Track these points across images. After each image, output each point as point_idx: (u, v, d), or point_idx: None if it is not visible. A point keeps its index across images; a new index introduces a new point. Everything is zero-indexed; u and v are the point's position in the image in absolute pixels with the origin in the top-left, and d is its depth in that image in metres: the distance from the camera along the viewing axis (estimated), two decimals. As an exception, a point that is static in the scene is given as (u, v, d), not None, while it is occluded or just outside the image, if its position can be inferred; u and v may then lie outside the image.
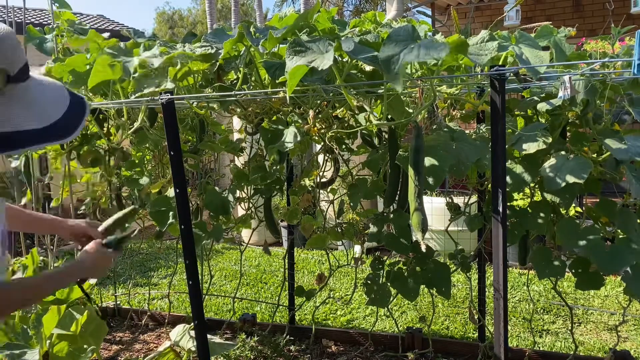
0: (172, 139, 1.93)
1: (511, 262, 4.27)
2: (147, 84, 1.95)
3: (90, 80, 1.93)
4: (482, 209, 2.45)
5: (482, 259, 2.68)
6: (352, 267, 2.78)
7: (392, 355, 2.85)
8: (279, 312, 3.47)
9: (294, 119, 2.13)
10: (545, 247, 2.11)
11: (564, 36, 1.83)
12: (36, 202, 2.98)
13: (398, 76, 1.39)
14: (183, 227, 1.99)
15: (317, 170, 2.71)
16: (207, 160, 3.31)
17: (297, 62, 1.50)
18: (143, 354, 3.02)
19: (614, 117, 2.00)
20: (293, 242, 3.13)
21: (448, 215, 2.47)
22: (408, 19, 2.21)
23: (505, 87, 1.65)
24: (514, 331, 3.31)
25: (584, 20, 7.10)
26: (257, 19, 11.86)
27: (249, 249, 5.54)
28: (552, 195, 1.96)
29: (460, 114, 2.30)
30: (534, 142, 1.77)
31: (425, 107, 1.79)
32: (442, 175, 1.75)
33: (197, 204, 2.61)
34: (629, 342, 3.14)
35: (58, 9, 2.69)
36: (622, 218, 1.92)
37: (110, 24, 15.18)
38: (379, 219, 2.27)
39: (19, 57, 1.07)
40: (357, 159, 2.73)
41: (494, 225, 1.71)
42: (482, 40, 1.61)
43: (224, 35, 2.08)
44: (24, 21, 3.69)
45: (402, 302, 3.76)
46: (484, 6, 7.65)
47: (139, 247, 5.84)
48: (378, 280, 2.37)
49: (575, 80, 1.71)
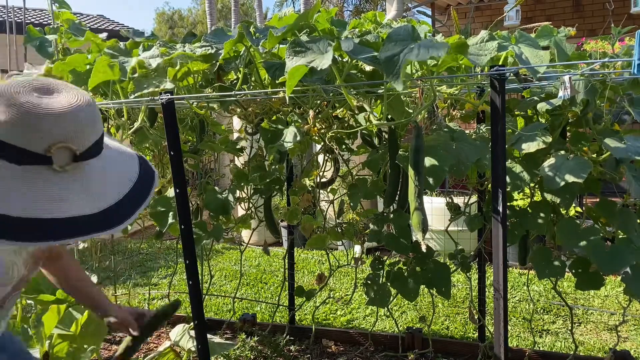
0: (172, 139, 1.93)
1: (511, 262, 4.27)
2: (147, 84, 1.95)
3: (90, 80, 1.93)
4: (482, 209, 2.45)
5: (482, 259, 2.68)
6: (352, 267, 2.78)
7: (392, 355, 2.85)
8: (279, 312, 3.47)
9: (293, 119, 2.13)
10: (545, 247, 2.11)
11: (564, 36, 1.83)
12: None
13: (399, 76, 1.39)
14: (183, 227, 1.99)
15: (317, 170, 2.71)
16: (207, 160, 3.31)
17: (297, 62, 1.50)
18: (143, 354, 3.02)
19: (614, 117, 2.00)
20: (293, 242, 3.13)
21: (448, 215, 2.47)
22: (408, 19, 2.21)
23: (505, 87, 1.65)
24: (514, 331, 3.31)
25: (584, 20, 7.10)
26: (257, 19, 11.86)
27: (249, 249, 5.54)
28: (552, 195, 1.96)
29: (460, 114, 2.30)
30: (533, 141, 1.78)
31: (425, 107, 1.79)
32: (442, 175, 1.75)
33: (197, 204, 2.61)
34: (629, 342, 3.14)
35: (58, 9, 2.69)
36: (622, 218, 1.92)
37: (110, 24, 15.17)
38: (379, 219, 2.27)
39: (93, 130, 0.93)
40: (357, 159, 2.73)
41: (494, 225, 1.71)
42: (482, 40, 1.61)
43: (224, 35, 2.08)
44: (23, 21, 3.69)
45: (402, 302, 3.76)
46: (484, 6, 7.65)
47: (139, 247, 5.84)
48: (378, 280, 2.37)
49: (575, 80, 1.71)
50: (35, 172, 0.88)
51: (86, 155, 0.92)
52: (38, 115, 0.87)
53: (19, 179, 0.87)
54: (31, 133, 0.86)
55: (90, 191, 0.92)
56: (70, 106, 0.90)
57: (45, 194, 0.88)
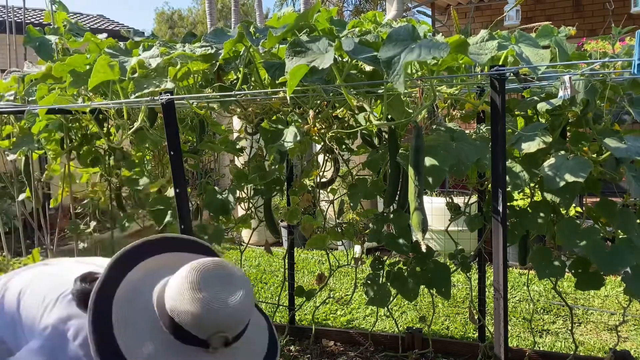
0: (172, 139, 1.93)
1: (511, 262, 4.26)
2: (146, 85, 1.94)
3: (90, 80, 1.93)
4: (482, 209, 2.45)
5: (482, 259, 2.68)
6: (352, 267, 2.78)
7: (392, 355, 2.85)
8: (279, 312, 3.47)
9: (293, 119, 2.13)
10: (545, 247, 2.11)
11: (564, 36, 1.83)
12: (36, 201, 2.98)
13: (400, 77, 1.38)
14: (183, 227, 1.99)
15: (317, 170, 2.70)
16: (207, 160, 3.31)
17: (297, 62, 1.50)
18: (143, 354, 3.02)
19: (614, 117, 2.00)
20: (293, 242, 3.13)
21: (448, 215, 2.47)
22: (408, 19, 2.21)
23: (505, 87, 1.65)
24: (514, 331, 3.31)
25: (584, 20, 7.10)
26: (257, 19, 11.84)
27: (249, 249, 5.54)
28: (552, 195, 1.96)
29: (460, 114, 2.29)
30: (533, 141, 1.77)
31: (425, 107, 1.79)
32: (442, 175, 1.75)
33: (197, 204, 2.61)
34: (629, 342, 3.13)
35: (55, 11, 2.69)
36: (622, 218, 1.92)
37: (110, 23, 15.18)
38: (379, 219, 2.27)
39: (247, 320, 1.09)
40: (357, 159, 2.73)
41: (494, 225, 1.71)
42: (482, 39, 1.61)
43: (223, 35, 2.08)
44: (23, 21, 3.69)
45: (402, 302, 3.76)
46: (484, 6, 7.65)
47: (139, 247, 5.83)
48: (378, 280, 2.37)
49: (575, 80, 1.71)
50: (194, 352, 1.05)
51: (235, 339, 1.07)
52: (217, 311, 1.03)
53: (181, 355, 1.05)
54: (207, 325, 1.03)
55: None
56: (241, 303, 1.05)
57: None
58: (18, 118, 2.73)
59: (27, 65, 2.59)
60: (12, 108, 2.31)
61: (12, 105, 2.38)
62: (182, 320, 1.03)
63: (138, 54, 2.05)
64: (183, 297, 1.03)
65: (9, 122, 2.80)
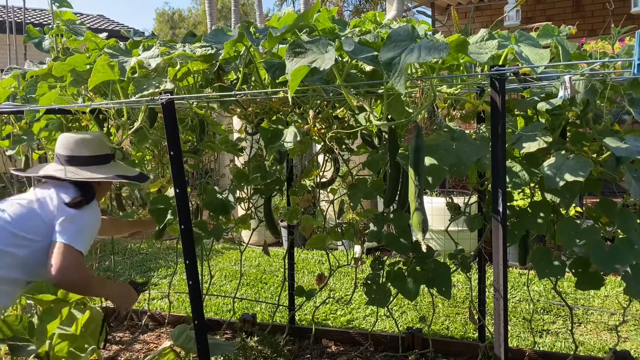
0: (172, 139, 1.92)
1: (511, 262, 4.27)
2: (146, 85, 1.94)
3: (90, 80, 1.93)
4: (482, 209, 2.45)
5: (482, 259, 2.68)
6: (352, 267, 2.78)
7: (392, 356, 2.85)
8: (279, 312, 3.47)
9: (293, 119, 2.13)
10: (545, 247, 2.11)
11: (565, 35, 1.83)
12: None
13: (401, 79, 1.38)
14: (183, 227, 1.98)
15: (317, 170, 2.70)
16: (207, 160, 3.31)
17: (297, 63, 1.50)
18: (143, 354, 3.02)
19: (614, 117, 2.00)
20: (293, 242, 3.13)
21: (448, 215, 2.47)
22: (408, 19, 2.21)
23: (505, 87, 1.65)
24: (514, 331, 3.31)
25: (584, 20, 7.11)
26: (257, 19, 11.85)
27: (249, 249, 5.54)
28: (552, 195, 1.96)
29: (460, 114, 2.29)
30: (534, 141, 1.77)
31: (425, 107, 1.79)
32: (442, 175, 1.75)
33: (197, 204, 2.61)
34: (629, 342, 3.14)
35: (58, 9, 2.69)
36: (622, 218, 1.92)
37: (110, 23, 15.17)
38: (379, 219, 2.27)
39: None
40: (357, 159, 2.73)
41: (494, 225, 1.71)
42: (482, 38, 1.61)
43: (224, 35, 2.07)
44: (23, 21, 3.69)
45: (402, 302, 3.76)
46: (484, 6, 7.66)
47: (139, 247, 5.84)
48: (378, 280, 2.37)
49: (575, 80, 1.71)
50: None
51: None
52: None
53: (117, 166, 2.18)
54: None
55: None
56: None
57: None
58: (18, 118, 2.74)
59: (28, 65, 2.59)
60: (12, 108, 2.31)
61: (12, 105, 2.38)
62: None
63: (138, 54, 2.05)
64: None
65: (9, 122, 2.81)
